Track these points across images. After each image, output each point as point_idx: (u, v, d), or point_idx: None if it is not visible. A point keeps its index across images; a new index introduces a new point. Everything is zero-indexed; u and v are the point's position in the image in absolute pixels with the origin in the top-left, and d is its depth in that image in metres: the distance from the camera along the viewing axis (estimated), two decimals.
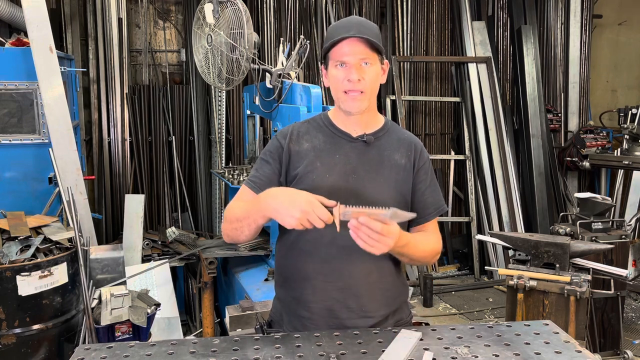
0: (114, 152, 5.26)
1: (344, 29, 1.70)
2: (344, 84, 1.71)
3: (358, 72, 1.68)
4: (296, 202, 1.50)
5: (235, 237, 1.73)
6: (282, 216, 1.51)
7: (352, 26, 1.70)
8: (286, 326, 1.82)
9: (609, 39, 7.03)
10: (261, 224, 1.65)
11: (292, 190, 1.59)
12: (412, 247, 1.69)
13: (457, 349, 1.55)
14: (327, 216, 1.48)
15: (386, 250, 1.52)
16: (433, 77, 6.47)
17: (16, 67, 3.57)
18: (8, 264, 2.82)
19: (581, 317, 3.03)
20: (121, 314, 2.87)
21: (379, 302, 1.77)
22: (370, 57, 1.70)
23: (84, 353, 1.54)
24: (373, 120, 1.83)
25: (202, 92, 5.49)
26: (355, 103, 1.72)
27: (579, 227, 3.89)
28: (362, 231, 1.49)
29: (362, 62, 1.69)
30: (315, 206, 1.49)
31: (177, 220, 5.49)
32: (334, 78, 1.73)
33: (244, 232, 1.69)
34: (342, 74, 1.70)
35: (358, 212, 1.48)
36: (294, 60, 3.57)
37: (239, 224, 1.69)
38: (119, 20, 5.17)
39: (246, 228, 1.67)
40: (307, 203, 1.49)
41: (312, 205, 1.49)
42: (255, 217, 1.63)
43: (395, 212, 1.49)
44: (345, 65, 1.70)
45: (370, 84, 1.72)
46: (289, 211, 1.49)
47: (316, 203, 1.49)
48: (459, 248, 6.44)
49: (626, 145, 5.47)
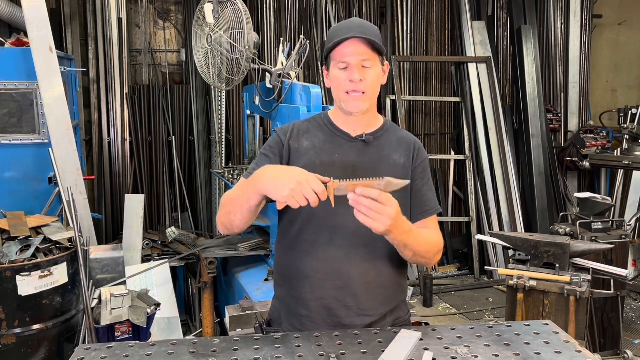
0: (114, 152, 5.26)
1: (346, 30, 1.72)
2: (345, 84, 1.72)
3: (360, 72, 1.70)
4: (291, 174, 1.49)
5: (229, 223, 1.69)
6: (276, 187, 1.48)
7: (353, 27, 1.72)
8: (285, 325, 1.82)
9: (609, 39, 7.03)
10: (254, 205, 1.61)
11: (288, 166, 1.57)
12: (415, 236, 1.65)
13: (457, 349, 1.55)
14: (321, 189, 1.46)
15: (389, 222, 1.49)
16: (433, 77, 6.47)
17: (16, 67, 3.57)
18: (8, 264, 2.82)
19: (581, 317, 3.03)
20: (121, 314, 2.87)
21: (377, 301, 1.77)
22: (371, 58, 1.71)
23: (84, 353, 1.54)
24: (373, 121, 1.84)
25: (202, 92, 5.49)
26: (357, 103, 1.74)
27: (579, 227, 3.89)
28: (361, 204, 1.47)
29: (364, 63, 1.70)
30: (310, 178, 1.47)
31: (177, 220, 5.49)
32: (336, 79, 1.75)
33: (237, 215, 1.65)
34: (344, 75, 1.72)
35: (353, 185, 1.47)
36: (294, 60, 3.57)
37: (232, 206, 1.66)
38: (119, 20, 5.17)
39: (239, 210, 1.63)
40: (302, 174, 1.48)
41: (307, 177, 1.47)
42: (248, 195, 1.60)
43: (390, 181, 1.48)
44: (347, 66, 1.71)
45: (371, 85, 1.73)
46: (283, 182, 1.47)
47: (311, 175, 1.48)
48: (459, 248, 6.44)
49: (626, 145, 5.47)
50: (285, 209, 1.78)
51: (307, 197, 1.45)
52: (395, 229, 1.53)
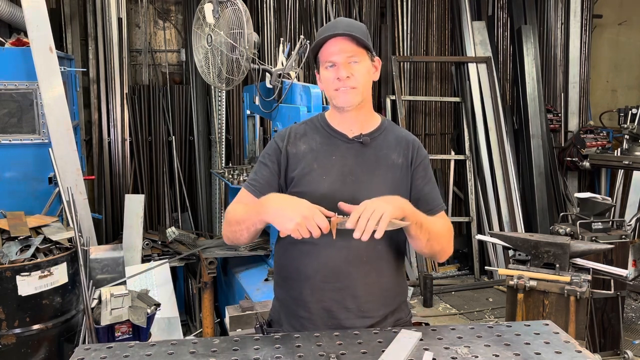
0: (114, 152, 5.26)
1: (331, 29, 1.73)
2: (334, 82, 1.73)
3: (347, 69, 1.71)
4: (298, 208, 1.53)
5: (235, 240, 1.76)
6: (282, 220, 1.53)
7: (338, 26, 1.73)
8: (285, 326, 1.82)
9: (609, 39, 7.03)
10: (260, 229, 1.69)
11: (293, 197, 1.61)
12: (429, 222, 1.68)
13: (457, 349, 1.55)
14: (325, 224, 1.51)
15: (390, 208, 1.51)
16: (433, 77, 6.47)
17: (16, 67, 3.57)
18: (8, 264, 2.81)
19: (581, 317, 3.03)
20: (121, 314, 2.87)
21: (377, 302, 1.77)
22: (358, 54, 1.72)
23: (83, 353, 1.54)
24: (369, 120, 1.83)
25: (202, 92, 5.49)
26: (346, 97, 1.73)
27: (579, 227, 3.89)
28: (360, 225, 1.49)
29: (350, 60, 1.71)
30: (316, 213, 1.51)
31: (177, 220, 5.49)
32: (325, 79, 1.76)
33: (243, 235, 1.72)
34: (331, 74, 1.73)
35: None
36: (294, 60, 3.56)
37: (238, 227, 1.71)
38: (119, 20, 5.17)
39: (245, 231, 1.70)
40: (309, 209, 1.52)
41: (313, 211, 1.51)
42: (254, 220, 1.66)
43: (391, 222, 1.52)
44: (334, 65, 1.72)
45: (361, 80, 1.73)
46: (290, 215, 1.52)
47: (317, 210, 1.52)
48: (459, 248, 6.43)
49: (626, 145, 5.47)
50: None
51: (311, 231, 1.50)
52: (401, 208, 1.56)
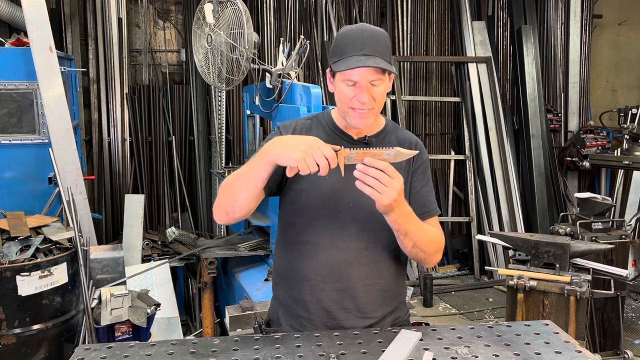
0: (114, 152, 5.26)
1: (357, 46, 1.63)
2: (352, 102, 1.66)
3: (368, 92, 1.64)
4: (304, 138, 1.51)
5: (230, 205, 1.63)
6: (287, 152, 1.47)
7: (364, 43, 1.63)
8: (284, 326, 1.82)
9: (609, 39, 7.03)
10: (263, 179, 1.56)
11: None
12: (416, 223, 1.64)
13: (457, 349, 1.55)
14: (331, 154, 1.46)
15: (394, 195, 1.48)
16: (433, 77, 6.47)
17: (16, 67, 3.58)
18: (8, 264, 2.82)
19: (581, 317, 3.03)
20: (121, 314, 2.87)
21: (376, 303, 1.77)
22: (380, 77, 1.65)
23: (83, 353, 1.53)
24: (375, 122, 1.81)
25: (202, 92, 5.49)
26: (362, 120, 1.69)
27: (579, 227, 3.89)
28: (369, 174, 1.47)
29: (373, 82, 1.64)
30: (322, 144, 1.48)
31: (177, 220, 5.49)
32: (342, 94, 1.68)
33: (241, 195, 1.59)
34: (351, 92, 1.65)
35: (362, 153, 1.50)
36: (294, 60, 3.56)
37: (236, 185, 1.60)
38: (119, 20, 5.17)
39: (244, 187, 1.58)
40: (315, 140, 1.49)
41: (319, 142, 1.48)
42: (256, 168, 1.56)
43: (399, 151, 1.51)
44: (355, 84, 1.65)
45: (378, 101, 1.69)
46: (295, 146, 1.47)
47: (322, 142, 1.49)
48: (459, 248, 6.44)
49: (626, 145, 5.47)
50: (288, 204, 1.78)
51: (318, 161, 1.45)
52: (397, 207, 1.54)
